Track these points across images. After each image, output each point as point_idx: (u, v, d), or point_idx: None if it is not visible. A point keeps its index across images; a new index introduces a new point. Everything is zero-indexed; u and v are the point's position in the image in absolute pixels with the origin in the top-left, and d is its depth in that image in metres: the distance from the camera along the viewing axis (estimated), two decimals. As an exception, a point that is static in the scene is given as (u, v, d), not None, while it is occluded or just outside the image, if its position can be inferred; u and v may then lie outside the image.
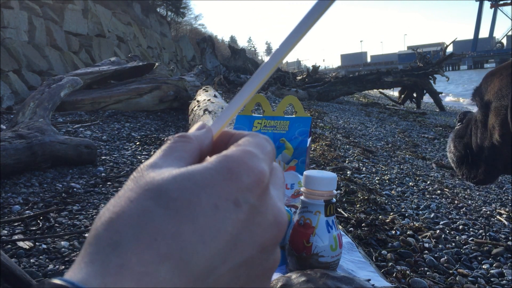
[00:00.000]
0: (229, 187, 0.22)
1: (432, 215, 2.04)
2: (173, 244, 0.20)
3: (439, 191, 2.55)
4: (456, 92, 18.90)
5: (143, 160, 2.88)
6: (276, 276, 0.58)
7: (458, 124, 0.91)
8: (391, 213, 1.96)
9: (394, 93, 12.91)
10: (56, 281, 0.19)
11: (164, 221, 0.20)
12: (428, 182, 2.77)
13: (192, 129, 0.30)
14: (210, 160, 0.24)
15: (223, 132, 0.31)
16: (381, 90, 10.88)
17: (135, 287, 0.19)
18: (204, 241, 0.20)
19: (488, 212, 2.21)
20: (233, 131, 0.31)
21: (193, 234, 0.20)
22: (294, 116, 0.83)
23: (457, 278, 1.41)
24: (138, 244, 0.20)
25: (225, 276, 0.22)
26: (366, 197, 2.06)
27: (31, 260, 1.35)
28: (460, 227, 1.92)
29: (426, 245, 1.64)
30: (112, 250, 0.20)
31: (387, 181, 2.61)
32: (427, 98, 10.23)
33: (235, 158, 0.24)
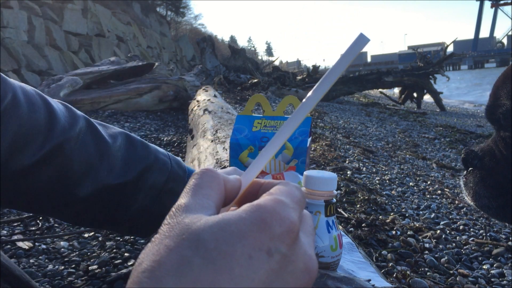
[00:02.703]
0: (262, 238, 0.23)
1: (433, 215, 2.04)
2: None
3: (439, 191, 2.54)
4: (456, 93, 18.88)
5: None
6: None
7: (475, 162, 0.68)
8: (392, 213, 1.95)
9: (395, 93, 12.91)
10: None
11: (202, 270, 0.22)
12: (429, 182, 2.76)
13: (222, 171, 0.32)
14: (243, 208, 0.25)
15: (253, 182, 0.33)
16: (381, 90, 10.88)
17: None
18: None
19: (488, 212, 2.20)
20: (263, 181, 0.34)
21: (229, 283, 0.22)
22: (294, 115, 0.82)
23: (457, 279, 1.40)
24: None
25: None
26: (366, 197, 2.06)
27: (31, 260, 1.34)
28: (461, 227, 1.92)
29: (427, 245, 1.63)
30: None
31: (387, 181, 2.61)
32: (427, 98, 10.24)
33: (268, 208, 0.25)
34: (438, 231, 1.78)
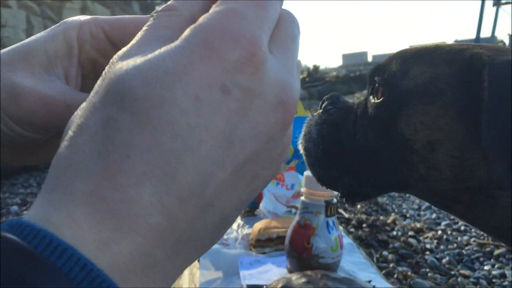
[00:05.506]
0: (210, 70, 0.17)
1: (434, 215, 2.04)
2: (151, 158, 0.16)
3: (440, 191, 2.54)
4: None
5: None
6: (276, 277, 0.57)
7: (329, 107, 0.59)
8: (392, 214, 1.95)
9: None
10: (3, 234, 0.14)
11: (133, 130, 0.16)
12: (429, 182, 2.76)
13: None
14: (183, 35, 0.18)
15: None
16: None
17: (112, 218, 0.15)
18: (190, 147, 0.16)
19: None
20: None
21: (175, 142, 0.16)
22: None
23: (458, 279, 1.40)
24: (107, 165, 0.15)
25: (226, 182, 0.18)
26: (367, 197, 2.06)
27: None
28: (462, 227, 1.91)
29: (428, 246, 1.63)
30: (75, 173, 0.15)
31: (388, 181, 2.61)
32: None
33: (212, 26, 0.17)
34: (439, 232, 1.77)
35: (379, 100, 0.52)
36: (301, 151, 0.57)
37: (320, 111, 0.58)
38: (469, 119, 0.44)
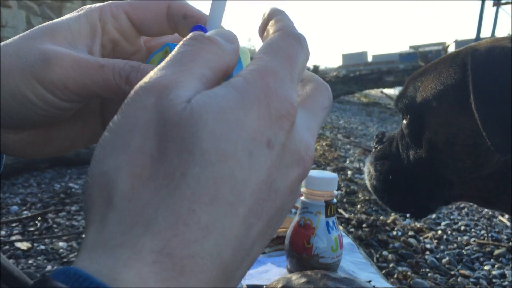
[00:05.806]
0: (261, 126, 0.17)
1: (434, 215, 2.03)
2: (213, 211, 0.16)
3: (440, 191, 2.54)
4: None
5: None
6: (276, 277, 0.57)
7: (377, 145, 0.70)
8: (392, 214, 1.95)
9: (396, 92, 12.92)
10: (61, 285, 0.14)
11: (199, 184, 0.16)
12: (429, 182, 2.76)
13: (213, 32, 0.21)
14: (233, 86, 0.18)
15: None
16: (382, 89, 10.89)
17: (179, 277, 0.15)
18: (243, 199, 0.17)
19: (490, 213, 2.20)
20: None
21: (232, 194, 0.16)
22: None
23: (458, 279, 1.40)
24: (175, 221, 0.15)
25: (261, 232, 0.18)
26: (367, 198, 2.06)
27: (29, 261, 1.34)
28: (462, 228, 1.91)
29: (428, 246, 1.63)
30: (144, 230, 0.15)
31: (388, 181, 2.61)
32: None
33: (260, 84, 0.18)
34: (439, 232, 1.77)
35: (407, 121, 0.60)
36: (371, 190, 0.69)
37: (373, 150, 0.70)
38: (470, 107, 0.50)
